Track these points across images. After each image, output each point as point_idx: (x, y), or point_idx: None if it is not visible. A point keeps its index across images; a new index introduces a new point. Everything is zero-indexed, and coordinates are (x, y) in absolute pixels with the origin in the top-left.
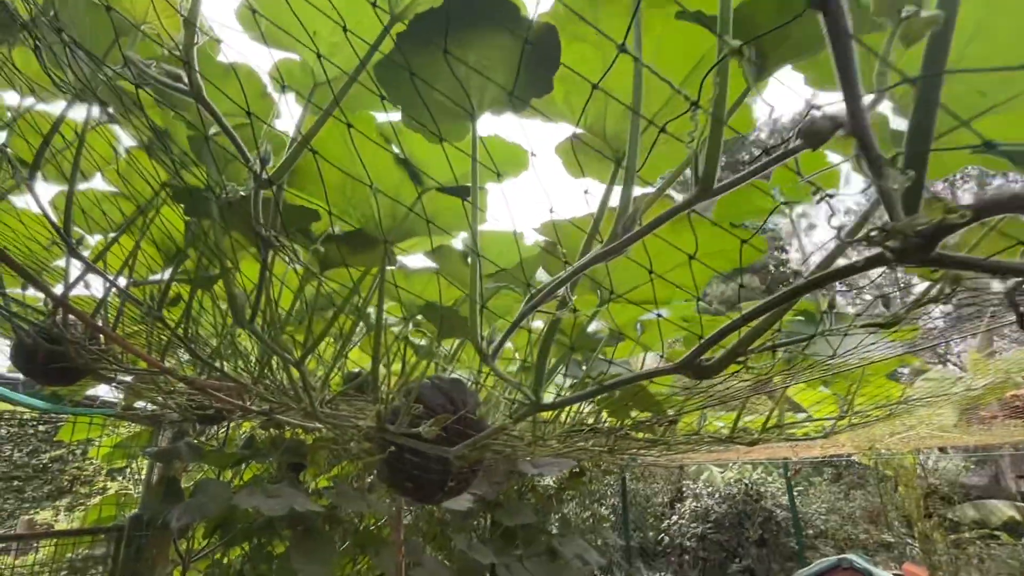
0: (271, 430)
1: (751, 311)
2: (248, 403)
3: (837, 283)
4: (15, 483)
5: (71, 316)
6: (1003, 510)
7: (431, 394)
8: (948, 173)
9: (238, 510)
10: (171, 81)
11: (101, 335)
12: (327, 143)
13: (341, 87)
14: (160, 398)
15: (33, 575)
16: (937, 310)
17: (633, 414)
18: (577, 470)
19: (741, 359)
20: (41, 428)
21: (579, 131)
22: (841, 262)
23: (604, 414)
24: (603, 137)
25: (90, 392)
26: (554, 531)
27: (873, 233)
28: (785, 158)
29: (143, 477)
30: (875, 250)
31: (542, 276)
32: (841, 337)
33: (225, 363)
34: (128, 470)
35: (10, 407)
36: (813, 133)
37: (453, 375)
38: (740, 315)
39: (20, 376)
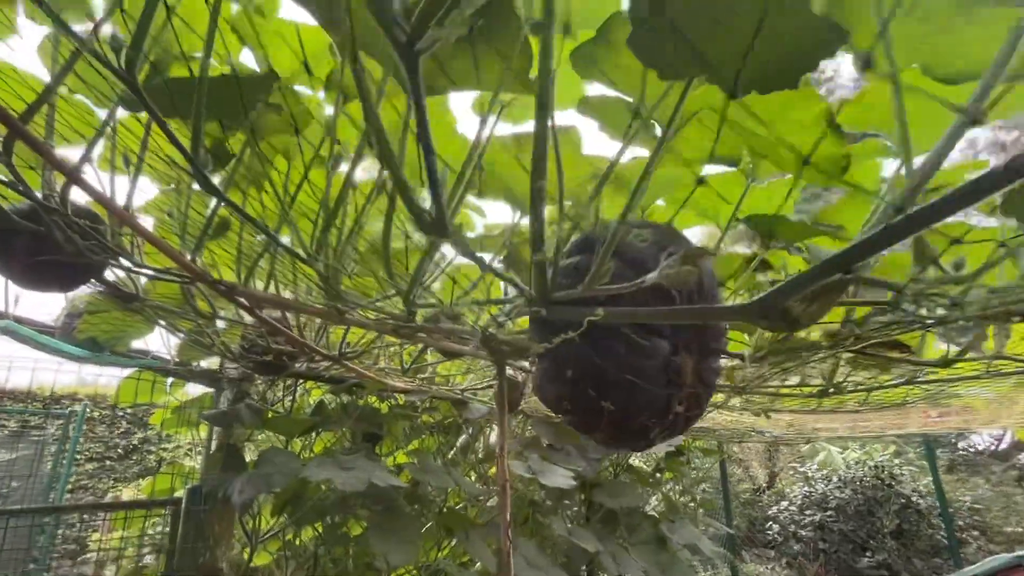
0: (342, 396)
1: None
2: (316, 340)
3: None
4: (107, 463)
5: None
6: None
7: (627, 246)
8: None
9: (309, 485)
10: None
11: (113, 219)
12: None
13: None
14: (199, 336)
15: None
16: None
17: None
18: (673, 449)
19: None
20: (129, 410)
21: None
22: None
23: None
24: None
25: (138, 344)
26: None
27: None
28: None
29: (204, 446)
30: None
31: None
32: None
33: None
34: (192, 439)
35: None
36: None
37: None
38: None
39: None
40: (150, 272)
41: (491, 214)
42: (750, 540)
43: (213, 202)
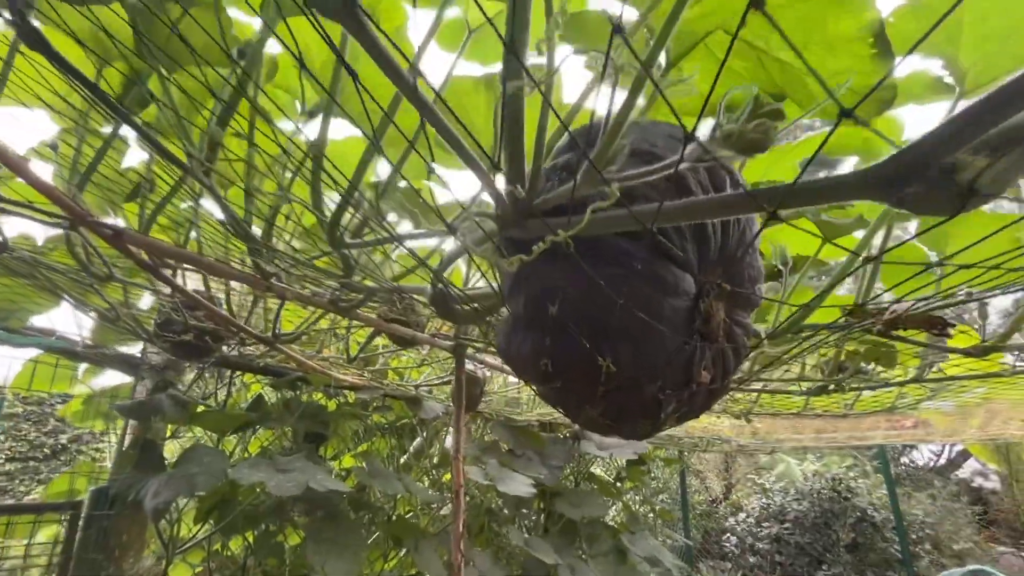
0: (284, 391)
1: None
2: (247, 319)
3: None
4: (31, 464)
5: None
6: None
7: (639, 132)
8: None
9: (240, 488)
10: None
11: None
12: None
13: None
14: (105, 312)
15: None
16: None
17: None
18: (636, 457)
19: None
20: (60, 406)
21: None
22: None
23: None
24: None
25: (38, 320)
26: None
27: None
28: None
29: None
30: None
31: None
32: None
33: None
34: (108, 436)
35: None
36: None
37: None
38: None
39: None
40: (11, 209)
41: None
42: (706, 552)
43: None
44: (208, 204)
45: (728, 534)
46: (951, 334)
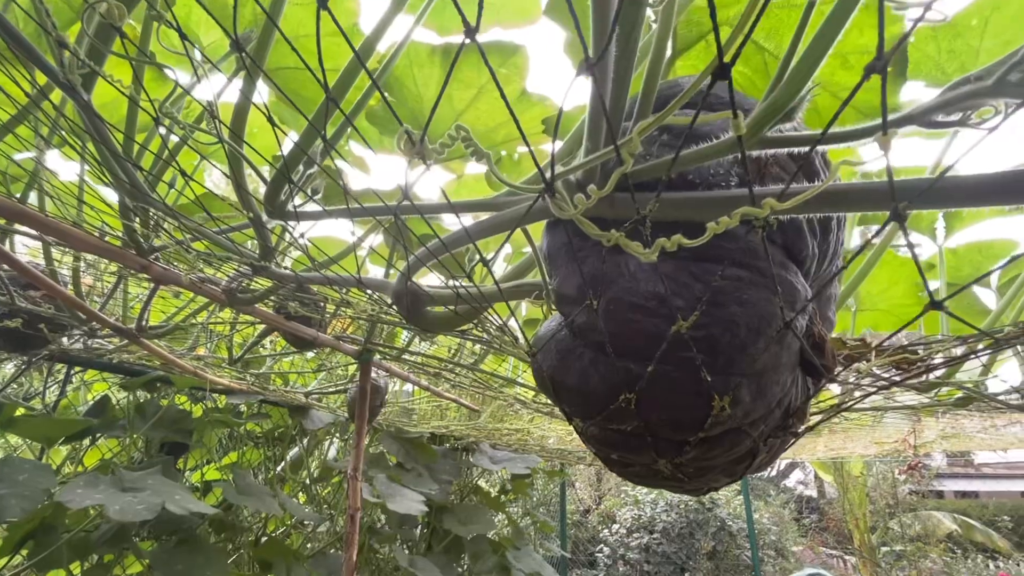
0: (138, 393)
1: None
2: (102, 305)
3: None
4: None
5: None
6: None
7: None
8: None
9: (67, 512)
10: None
11: None
12: None
13: None
14: None
15: None
16: None
17: None
18: (528, 471)
19: None
20: None
21: None
22: None
23: None
24: None
25: None
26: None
27: None
28: None
29: None
30: None
31: None
32: None
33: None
34: None
35: None
36: None
37: None
38: None
39: None
40: None
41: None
42: (575, 561)
43: None
44: (56, 157)
45: (601, 544)
46: (920, 373)
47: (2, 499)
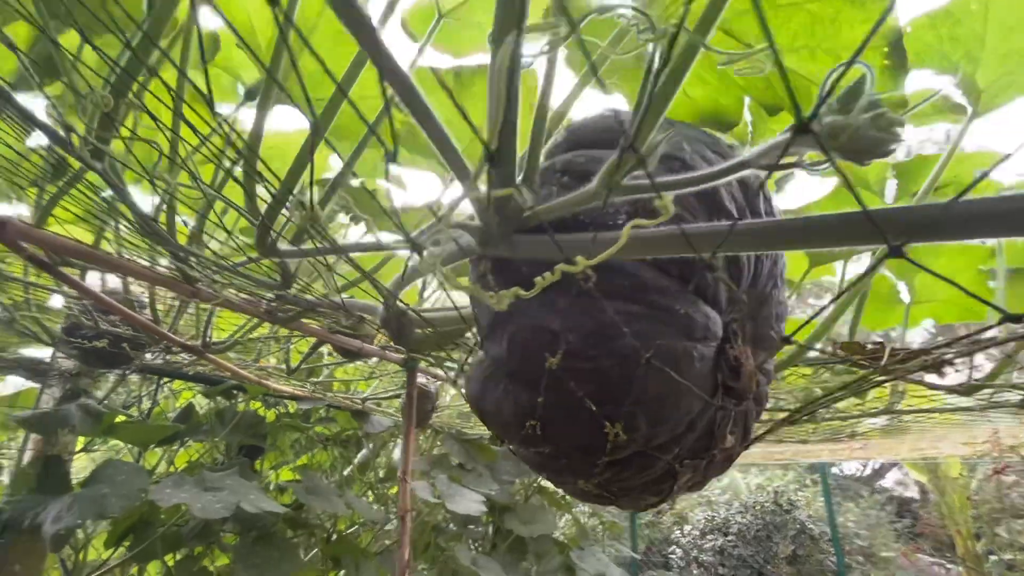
0: (217, 400)
1: None
2: (172, 325)
3: None
4: None
5: None
6: None
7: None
8: None
9: (161, 508)
10: None
11: None
12: None
13: None
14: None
15: None
16: None
17: None
18: None
19: None
20: None
21: None
22: None
23: None
24: None
25: None
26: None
27: None
28: None
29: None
30: None
31: None
32: None
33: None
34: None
35: None
36: None
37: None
38: None
39: None
40: None
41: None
42: (650, 563)
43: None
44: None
45: (673, 546)
46: (946, 373)
47: (105, 497)
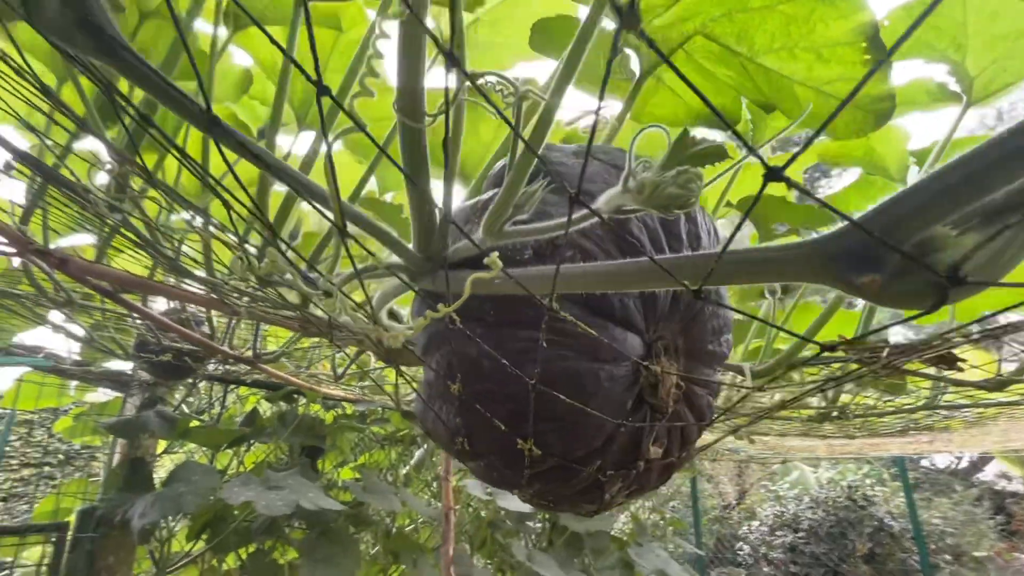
0: (280, 404)
1: None
2: (225, 338)
3: None
4: (46, 469)
5: None
6: None
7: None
8: None
9: (232, 506)
10: None
11: None
12: None
13: None
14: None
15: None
16: None
17: None
18: None
19: None
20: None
21: None
22: None
23: None
24: None
25: (23, 338)
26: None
27: None
28: None
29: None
30: None
31: None
32: None
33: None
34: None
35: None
36: None
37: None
38: None
39: None
40: None
41: None
42: (719, 559)
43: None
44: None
45: (741, 542)
46: (961, 368)
47: (182, 496)
